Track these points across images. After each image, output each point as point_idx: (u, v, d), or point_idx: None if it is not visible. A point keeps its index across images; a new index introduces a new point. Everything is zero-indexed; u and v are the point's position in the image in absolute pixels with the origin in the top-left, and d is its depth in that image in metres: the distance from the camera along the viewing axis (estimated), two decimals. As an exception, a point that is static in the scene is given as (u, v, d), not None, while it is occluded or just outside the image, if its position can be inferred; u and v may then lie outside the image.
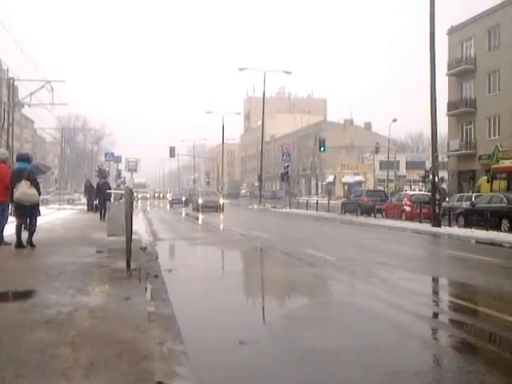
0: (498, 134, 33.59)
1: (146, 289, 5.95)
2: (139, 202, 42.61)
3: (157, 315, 4.78)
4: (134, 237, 11.70)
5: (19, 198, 9.08)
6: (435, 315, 6.09)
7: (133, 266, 7.16)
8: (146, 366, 3.42)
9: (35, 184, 9.26)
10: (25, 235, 9.43)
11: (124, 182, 42.87)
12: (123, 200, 9.97)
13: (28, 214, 9.34)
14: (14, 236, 9.59)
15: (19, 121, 70.21)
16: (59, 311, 4.84)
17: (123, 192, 10.29)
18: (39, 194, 9.37)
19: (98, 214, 18.65)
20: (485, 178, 30.77)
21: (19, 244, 9.26)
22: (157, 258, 9.29)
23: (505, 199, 17.08)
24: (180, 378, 3.31)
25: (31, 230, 9.47)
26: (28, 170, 9.27)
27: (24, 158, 9.70)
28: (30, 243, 9.39)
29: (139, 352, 3.69)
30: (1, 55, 49.31)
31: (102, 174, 20.47)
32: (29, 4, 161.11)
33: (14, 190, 9.03)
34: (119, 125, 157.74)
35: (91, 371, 3.31)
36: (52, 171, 70.88)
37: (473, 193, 31.09)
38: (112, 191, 17.51)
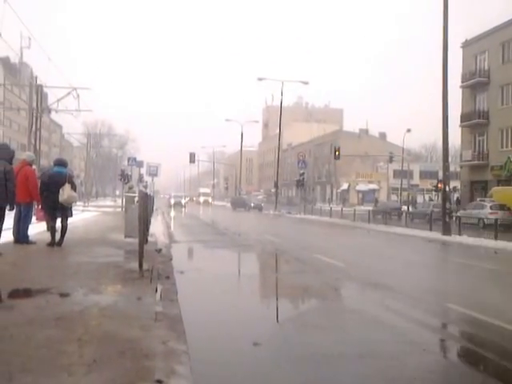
0: (511, 146, 33.54)
1: (156, 289, 6.05)
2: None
3: (164, 315, 4.86)
4: (150, 239, 11.95)
5: (66, 201, 9.38)
6: (443, 325, 5.96)
7: (146, 266, 7.29)
8: (147, 365, 3.49)
9: (74, 187, 9.70)
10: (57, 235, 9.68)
11: (146, 186, 43.53)
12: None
13: (60, 214, 9.63)
14: (38, 236, 9.82)
15: (48, 126, 72.06)
16: (71, 309, 4.96)
17: (136, 195, 10.50)
18: None
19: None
20: (497, 188, 30.64)
21: (53, 243, 9.56)
22: (171, 259, 9.40)
23: None
24: (179, 377, 3.36)
25: (63, 230, 9.73)
26: (69, 173, 9.71)
27: (62, 163, 10.02)
28: (59, 243, 9.63)
29: (142, 350, 3.76)
30: (31, 63, 51.11)
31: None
32: (56, 14, 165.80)
33: (61, 192, 9.27)
34: (142, 131, 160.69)
35: (93, 367, 3.40)
36: (78, 174, 72.46)
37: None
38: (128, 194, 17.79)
